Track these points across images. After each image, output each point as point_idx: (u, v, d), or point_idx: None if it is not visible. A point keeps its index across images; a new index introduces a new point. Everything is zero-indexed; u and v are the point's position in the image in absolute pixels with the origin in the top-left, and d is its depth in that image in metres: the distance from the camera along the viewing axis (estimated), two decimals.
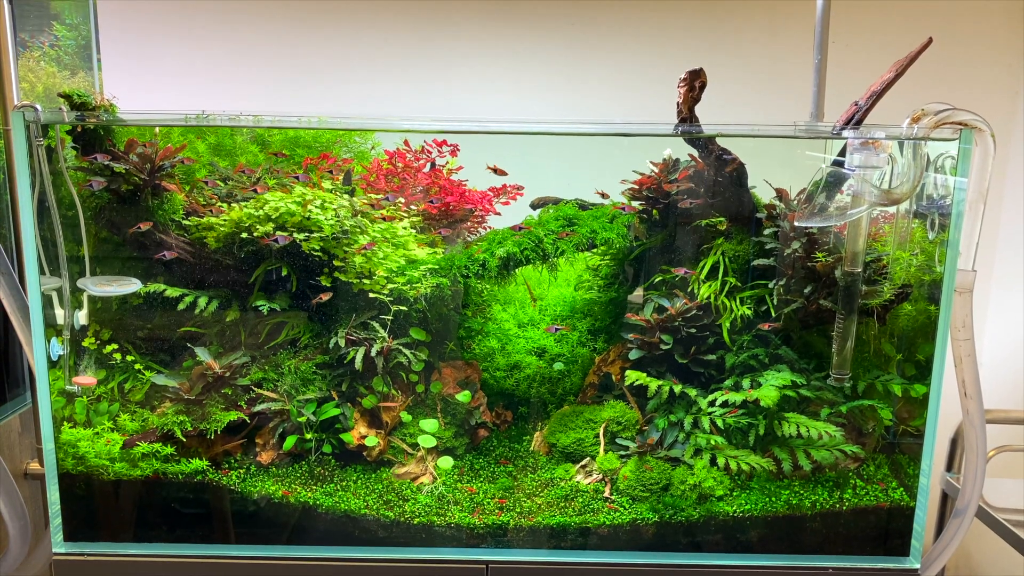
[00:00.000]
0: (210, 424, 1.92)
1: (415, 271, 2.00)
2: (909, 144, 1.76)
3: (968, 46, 2.84)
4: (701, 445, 1.93)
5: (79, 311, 1.93)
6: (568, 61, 2.89)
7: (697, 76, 1.84)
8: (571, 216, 2.08)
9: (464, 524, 1.89)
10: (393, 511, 1.89)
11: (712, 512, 1.88)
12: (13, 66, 2.14)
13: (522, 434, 2.13)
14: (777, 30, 2.84)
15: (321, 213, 1.96)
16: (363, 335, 1.98)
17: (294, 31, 2.86)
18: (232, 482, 1.91)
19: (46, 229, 1.84)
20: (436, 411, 2.05)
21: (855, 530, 1.89)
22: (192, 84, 2.90)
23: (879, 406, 1.93)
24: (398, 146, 2.25)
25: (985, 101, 2.87)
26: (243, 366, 1.97)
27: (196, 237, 1.98)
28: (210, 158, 2.14)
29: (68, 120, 1.80)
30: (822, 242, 1.91)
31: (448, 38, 2.87)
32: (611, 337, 2.20)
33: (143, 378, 1.97)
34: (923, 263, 1.90)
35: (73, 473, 1.90)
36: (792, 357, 2.00)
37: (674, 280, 2.06)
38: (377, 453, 1.97)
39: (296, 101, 2.91)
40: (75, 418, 1.94)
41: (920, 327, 1.93)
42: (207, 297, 1.96)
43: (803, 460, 1.90)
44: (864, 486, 1.92)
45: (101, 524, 1.94)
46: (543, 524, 1.89)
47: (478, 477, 2.00)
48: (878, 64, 1.88)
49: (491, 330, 2.23)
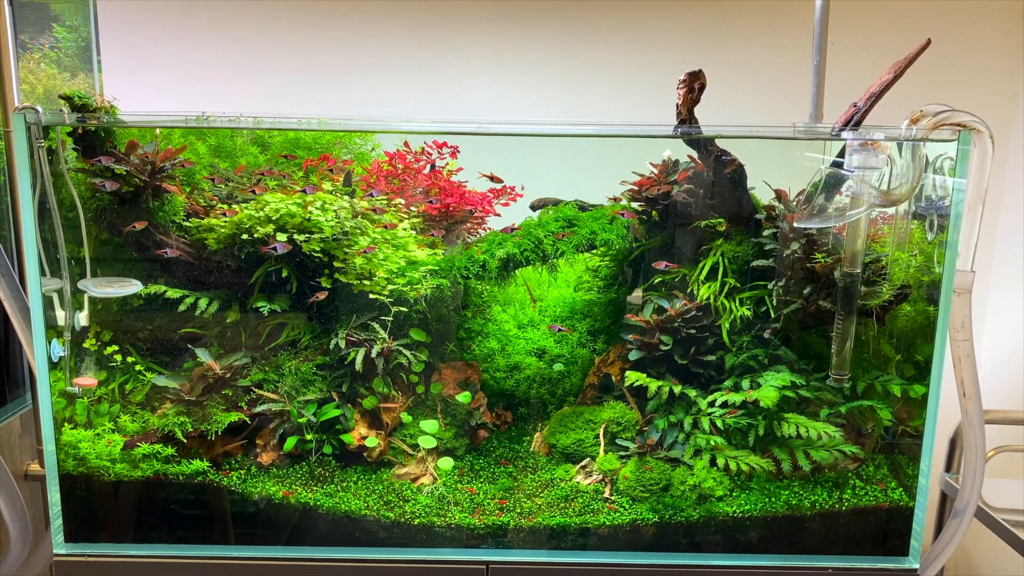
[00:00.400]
0: (211, 425, 1.92)
1: (415, 272, 2.00)
2: (908, 145, 1.76)
3: (966, 47, 2.84)
4: (701, 446, 1.93)
5: (80, 312, 1.94)
6: (568, 62, 2.89)
7: (696, 78, 1.84)
8: (571, 217, 2.09)
9: (464, 525, 1.89)
10: (393, 512, 1.90)
11: (712, 512, 1.88)
12: (14, 68, 2.14)
13: (522, 435, 2.14)
14: (776, 32, 2.85)
15: (321, 214, 1.96)
16: (363, 336, 1.98)
17: (294, 32, 2.86)
18: (233, 483, 1.92)
19: (47, 230, 1.85)
20: (436, 412, 2.05)
21: (854, 530, 1.90)
22: (192, 85, 2.90)
23: (878, 406, 1.93)
24: (398, 147, 2.25)
25: (983, 102, 2.87)
26: (243, 367, 1.97)
27: (196, 238, 1.98)
28: (211, 159, 2.15)
29: (69, 122, 1.80)
30: (821, 243, 1.91)
31: (448, 39, 2.88)
32: (611, 338, 2.20)
33: (144, 379, 1.98)
34: (922, 264, 1.90)
35: (74, 474, 1.90)
36: (791, 358, 2.00)
37: (673, 281, 2.06)
38: (377, 454, 1.97)
39: (296, 102, 2.91)
40: (76, 419, 1.94)
41: (919, 328, 1.93)
42: (208, 298, 1.96)
43: (802, 460, 1.91)
44: (863, 486, 1.92)
45: (102, 525, 1.94)
46: (543, 524, 1.89)
47: (478, 478, 2.00)
48: (877, 65, 1.89)
49: (491, 331, 2.23)
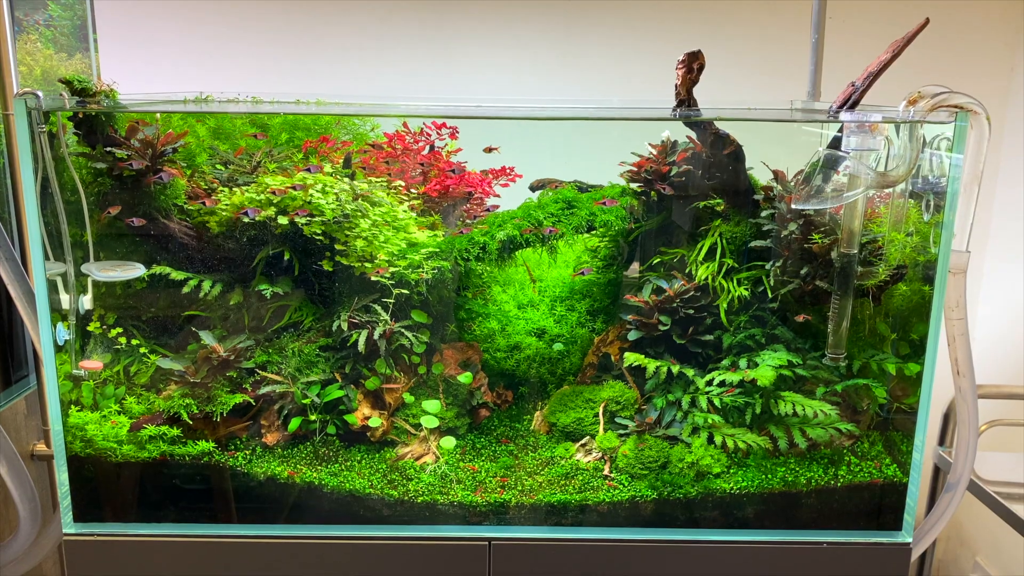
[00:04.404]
0: (215, 406, 1.94)
1: (416, 254, 2.02)
2: (905, 126, 1.77)
3: (964, 24, 2.84)
4: (699, 424, 1.96)
5: (84, 296, 1.95)
6: (566, 38, 2.89)
7: (695, 58, 1.84)
8: (570, 198, 2.10)
9: (467, 502, 1.93)
10: (397, 490, 1.93)
11: (710, 489, 1.92)
12: (12, 50, 2.13)
13: (522, 414, 2.16)
14: (775, 9, 2.84)
15: (322, 197, 1.97)
16: (365, 318, 2.00)
17: (291, 5, 2.85)
18: (238, 463, 1.95)
19: (49, 215, 1.85)
20: (438, 392, 2.08)
21: (849, 506, 1.93)
22: (189, 61, 2.90)
23: (873, 385, 1.96)
24: (397, 128, 2.25)
25: (980, 80, 2.88)
26: (247, 349, 1.99)
27: (198, 221, 1.99)
28: (211, 142, 2.15)
29: (70, 107, 1.80)
30: (818, 223, 1.93)
31: (447, 18, 2.87)
32: (610, 318, 2.23)
33: (148, 362, 2.00)
34: (918, 244, 1.92)
35: (81, 456, 1.93)
36: (788, 337, 2.02)
37: (672, 261, 2.08)
38: (381, 434, 2.00)
39: (293, 79, 2.91)
40: (82, 402, 1.96)
41: (914, 307, 1.95)
42: (211, 281, 1.97)
43: (799, 438, 1.94)
44: (858, 463, 1.95)
45: (110, 505, 1.97)
46: (544, 502, 1.92)
47: (480, 456, 2.03)
48: (876, 43, 1.88)
49: (491, 312, 2.25)
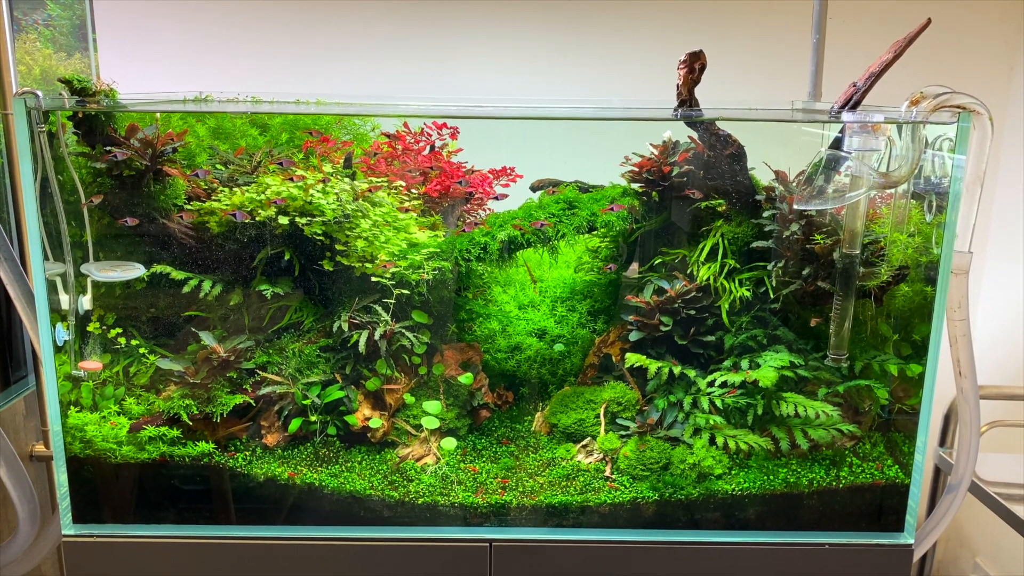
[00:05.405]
0: (215, 407, 1.94)
1: (417, 255, 2.01)
2: (907, 127, 1.77)
3: (964, 24, 2.84)
4: (700, 425, 1.96)
5: (83, 296, 1.94)
6: (567, 37, 2.89)
7: (697, 58, 1.83)
8: (571, 199, 2.10)
9: (467, 503, 1.92)
10: (398, 491, 1.92)
11: (711, 490, 1.91)
12: (11, 49, 2.13)
13: (523, 415, 2.16)
14: (776, 10, 2.84)
15: (323, 197, 1.96)
16: (366, 319, 1.99)
17: (291, 5, 2.85)
18: (238, 464, 1.94)
19: (49, 215, 1.85)
20: (439, 393, 2.07)
21: (851, 507, 1.93)
22: (188, 61, 2.89)
23: (875, 386, 1.96)
24: (398, 128, 2.25)
25: (980, 82, 2.88)
26: (247, 350, 1.99)
27: (198, 222, 1.99)
28: (211, 141, 2.14)
29: (69, 106, 1.80)
30: (820, 224, 1.92)
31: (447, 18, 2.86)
32: (611, 318, 2.22)
33: (148, 362, 1.99)
34: (920, 245, 1.91)
35: (81, 457, 1.92)
36: (790, 338, 2.02)
37: (673, 262, 2.07)
38: (381, 434, 1.99)
39: (292, 79, 2.90)
40: (81, 402, 1.96)
41: (916, 308, 1.95)
42: (211, 281, 1.97)
43: (800, 439, 1.93)
44: (860, 464, 1.95)
45: (109, 506, 1.96)
46: (545, 503, 1.92)
47: (480, 457, 2.03)
48: (877, 43, 1.88)
49: (492, 312, 2.24)
